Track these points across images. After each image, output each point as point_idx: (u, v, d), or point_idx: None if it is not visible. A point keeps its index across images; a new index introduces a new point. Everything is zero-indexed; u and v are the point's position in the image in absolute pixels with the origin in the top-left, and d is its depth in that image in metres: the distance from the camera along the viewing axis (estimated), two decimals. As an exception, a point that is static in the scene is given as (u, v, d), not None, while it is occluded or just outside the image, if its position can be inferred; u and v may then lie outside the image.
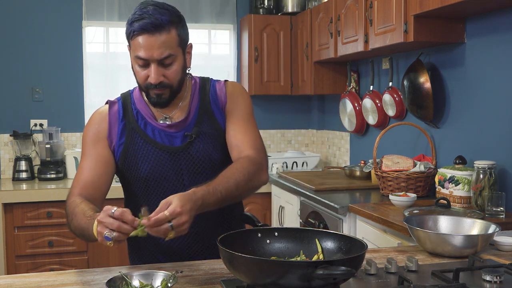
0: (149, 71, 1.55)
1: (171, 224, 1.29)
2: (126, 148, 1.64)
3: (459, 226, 1.70)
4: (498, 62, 2.46)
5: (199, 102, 1.68)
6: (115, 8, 4.19)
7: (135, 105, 1.68)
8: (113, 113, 1.67)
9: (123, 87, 4.23)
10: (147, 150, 1.62)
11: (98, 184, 1.61)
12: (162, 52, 1.52)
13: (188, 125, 1.65)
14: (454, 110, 2.78)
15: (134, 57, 1.56)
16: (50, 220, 3.62)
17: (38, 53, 4.13)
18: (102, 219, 1.29)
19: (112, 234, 1.27)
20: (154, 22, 1.50)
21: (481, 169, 2.35)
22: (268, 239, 1.44)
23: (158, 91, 1.57)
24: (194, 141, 1.63)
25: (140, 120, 1.65)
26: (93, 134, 1.65)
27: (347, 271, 1.13)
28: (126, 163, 1.64)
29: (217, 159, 1.65)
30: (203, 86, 1.71)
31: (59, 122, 4.18)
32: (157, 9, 1.53)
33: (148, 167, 1.62)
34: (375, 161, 2.88)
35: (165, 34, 1.52)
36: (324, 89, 3.89)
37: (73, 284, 1.38)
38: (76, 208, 1.49)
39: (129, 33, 1.54)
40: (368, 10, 2.91)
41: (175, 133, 1.64)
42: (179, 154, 1.63)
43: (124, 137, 1.64)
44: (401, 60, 3.23)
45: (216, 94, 1.70)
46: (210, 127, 1.66)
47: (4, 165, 4.11)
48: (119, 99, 1.71)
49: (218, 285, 1.37)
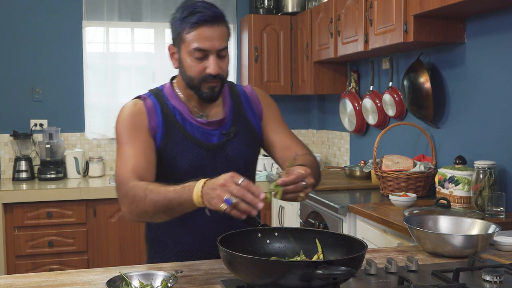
0: (206, 63, 1.57)
1: (304, 183, 1.38)
2: (166, 142, 1.63)
3: (459, 226, 1.71)
4: (498, 62, 2.46)
5: (232, 103, 1.73)
6: (115, 8, 4.19)
7: (169, 101, 1.68)
8: (148, 106, 1.65)
9: (123, 87, 4.24)
10: (186, 145, 1.63)
11: (149, 170, 1.58)
12: (221, 43, 1.56)
13: (225, 124, 1.69)
14: (454, 110, 2.77)
15: (191, 50, 1.56)
16: (50, 220, 3.62)
17: (38, 53, 4.13)
18: (227, 183, 1.30)
19: (233, 199, 1.28)
20: (213, 14, 1.55)
21: (481, 169, 2.35)
22: (268, 239, 1.45)
23: (213, 83, 1.59)
24: (231, 140, 1.67)
25: (178, 115, 1.66)
26: (133, 122, 1.62)
27: (347, 271, 1.13)
28: (164, 156, 1.63)
29: (250, 159, 1.71)
30: (231, 88, 1.77)
31: (59, 122, 4.18)
32: (206, 4, 1.57)
33: (187, 161, 1.63)
34: (375, 161, 2.88)
35: (222, 26, 1.57)
36: (324, 89, 3.89)
37: (73, 284, 1.38)
38: (149, 186, 1.47)
39: (183, 27, 1.56)
40: (368, 10, 2.91)
41: (212, 131, 1.67)
42: (215, 151, 1.65)
43: (164, 130, 1.63)
44: (401, 60, 3.23)
45: (248, 97, 1.77)
46: (245, 128, 1.71)
47: (4, 165, 4.12)
48: (150, 95, 1.70)
49: (218, 285, 1.37)
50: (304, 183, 1.39)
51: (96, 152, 4.28)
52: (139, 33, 4.30)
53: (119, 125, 1.64)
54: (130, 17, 4.24)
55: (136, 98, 1.69)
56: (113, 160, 4.31)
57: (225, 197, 1.29)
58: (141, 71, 4.31)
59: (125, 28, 4.26)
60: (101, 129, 4.25)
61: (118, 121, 1.65)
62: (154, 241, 1.74)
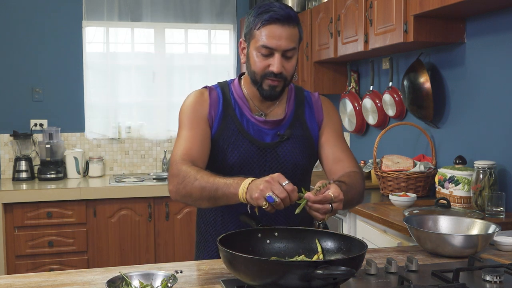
0: (271, 60, 1.60)
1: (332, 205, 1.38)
2: (220, 133, 1.67)
3: (459, 226, 1.70)
4: (498, 62, 2.46)
5: (294, 106, 1.75)
6: (115, 8, 4.19)
7: (233, 95, 1.73)
8: (213, 97, 1.71)
9: (123, 87, 4.25)
10: (238, 139, 1.67)
11: (201, 155, 1.64)
12: (289, 43, 1.59)
13: (282, 125, 1.71)
14: (454, 110, 2.77)
15: (258, 46, 1.60)
16: (50, 220, 3.62)
17: (38, 53, 4.13)
18: (273, 181, 1.34)
19: (276, 198, 1.32)
20: (286, 14, 1.58)
21: (481, 169, 2.35)
22: (268, 239, 1.44)
23: (274, 82, 1.62)
24: (284, 142, 1.69)
25: (238, 110, 1.70)
26: (195, 110, 1.69)
27: (347, 271, 1.13)
28: (216, 147, 1.67)
29: (301, 164, 1.71)
30: (298, 93, 1.79)
31: (59, 122, 4.18)
32: (282, 5, 1.61)
33: (237, 155, 1.66)
34: (375, 161, 2.88)
35: (293, 27, 1.60)
36: (324, 89, 3.89)
37: (73, 284, 1.38)
38: (200, 171, 1.54)
39: (255, 24, 1.60)
40: (368, 10, 2.91)
41: (267, 130, 1.69)
42: (266, 150, 1.67)
43: (221, 122, 1.68)
44: (401, 60, 3.23)
45: (311, 104, 1.78)
46: (301, 133, 1.73)
47: (4, 165, 4.12)
48: (217, 87, 1.75)
49: (218, 285, 1.37)
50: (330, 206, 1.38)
51: (96, 152, 4.28)
52: (139, 33, 4.30)
53: (182, 110, 1.71)
54: (130, 17, 4.24)
55: (204, 88, 1.75)
56: (112, 160, 4.32)
57: (267, 194, 1.33)
58: (141, 71, 4.31)
59: (125, 28, 4.26)
60: (101, 129, 4.25)
61: (183, 106, 1.72)
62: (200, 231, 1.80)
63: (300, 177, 1.71)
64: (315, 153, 1.77)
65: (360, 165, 3.47)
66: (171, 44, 4.37)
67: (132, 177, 4.11)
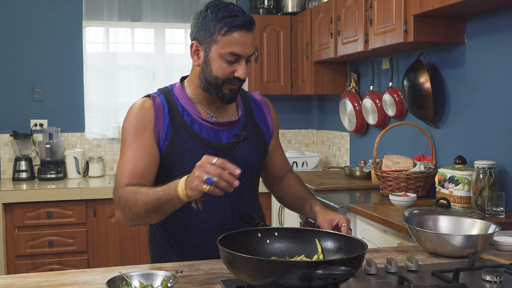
0: (236, 66, 1.60)
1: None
2: (172, 142, 1.64)
3: (459, 226, 1.71)
4: (498, 62, 2.46)
5: (244, 107, 1.78)
6: (115, 8, 4.19)
7: (179, 101, 1.69)
8: (157, 106, 1.66)
9: (123, 87, 4.25)
10: (193, 145, 1.64)
11: (147, 175, 1.61)
12: (252, 49, 1.62)
13: (237, 126, 1.72)
14: (454, 110, 2.77)
15: (225, 52, 1.57)
16: (50, 220, 3.62)
17: (38, 53, 4.13)
18: (203, 164, 1.33)
19: (214, 178, 1.30)
20: (250, 20, 1.58)
21: (481, 169, 2.35)
22: (268, 239, 1.45)
23: (235, 86, 1.64)
24: (240, 142, 1.70)
25: (186, 116, 1.67)
26: (137, 125, 1.63)
27: (347, 271, 1.13)
28: (171, 156, 1.64)
29: (257, 164, 1.75)
30: (243, 93, 1.82)
31: (59, 122, 4.18)
32: (239, 8, 1.60)
33: (193, 160, 1.61)
34: (375, 161, 2.88)
35: (252, 32, 1.61)
36: (324, 89, 3.89)
37: (73, 284, 1.38)
38: (139, 189, 1.52)
39: (218, 29, 1.56)
40: (368, 10, 2.91)
41: (221, 131, 1.69)
42: (224, 151, 1.67)
43: (171, 131, 1.64)
44: (401, 60, 3.23)
45: (259, 105, 1.82)
46: (255, 133, 1.76)
47: (4, 165, 4.12)
48: (159, 94, 1.71)
49: (218, 285, 1.37)
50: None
51: (96, 152, 4.28)
52: (139, 33, 4.30)
53: (124, 127, 1.66)
54: (130, 17, 4.24)
55: (146, 97, 1.70)
56: (112, 160, 4.32)
57: (204, 177, 1.31)
58: (141, 71, 4.31)
59: (125, 28, 4.26)
60: (101, 129, 4.25)
61: (124, 122, 1.66)
62: (158, 243, 1.75)
63: (255, 175, 1.76)
64: (266, 152, 1.81)
65: (360, 165, 3.47)
66: (171, 44, 4.37)
67: (132, 177, 4.10)
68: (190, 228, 1.68)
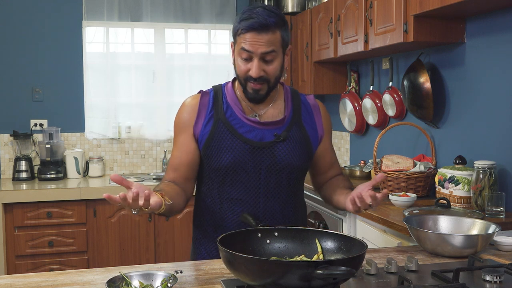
0: (251, 65, 1.65)
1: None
2: (211, 137, 1.71)
3: (459, 226, 1.71)
4: (498, 62, 2.46)
5: (292, 109, 1.79)
6: (115, 8, 4.19)
7: (226, 98, 1.77)
8: (203, 103, 1.76)
9: (123, 87, 4.25)
10: (231, 141, 1.70)
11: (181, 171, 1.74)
12: (266, 47, 1.63)
13: (281, 126, 1.74)
14: (454, 110, 2.77)
15: (239, 50, 1.67)
16: (50, 220, 3.62)
17: (38, 53, 4.13)
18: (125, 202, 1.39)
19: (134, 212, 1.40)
20: (261, 22, 1.62)
21: (481, 169, 2.35)
22: (268, 239, 1.45)
23: (256, 85, 1.67)
24: (280, 143, 1.72)
25: (229, 113, 1.73)
26: (180, 122, 1.77)
27: (347, 271, 1.13)
28: (208, 151, 1.72)
29: (296, 165, 1.74)
30: (294, 95, 1.83)
31: (59, 122, 4.18)
32: (265, 11, 1.65)
33: (230, 156, 1.69)
34: (375, 161, 2.88)
35: (270, 34, 1.64)
36: (324, 89, 3.89)
37: (73, 284, 1.38)
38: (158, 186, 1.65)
39: (236, 30, 1.68)
40: (368, 10, 2.91)
41: (263, 130, 1.72)
42: (262, 150, 1.70)
43: (210, 126, 1.72)
44: (401, 60, 3.23)
45: (309, 108, 1.83)
46: (299, 135, 1.76)
47: (4, 165, 4.12)
48: (211, 90, 1.80)
49: (218, 285, 1.37)
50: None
51: (96, 152, 4.28)
52: (139, 33, 4.30)
53: (174, 122, 1.81)
54: (130, 17, 4.24)
55: (198, 93, 1.80)
56: (112, 159, 4.33)
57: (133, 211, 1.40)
58: (141, 71, 4.31)
59: (125, 28, 4.26)
60: (101, 129, 4.25)
61: (175, 118, 1.80)
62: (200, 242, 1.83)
63: (296, 178, 1.76)
64: (311, 156, 1.80)
65: (360, 165, 3.47)
66: (171, 44, 4.37)
67: (132, 177, 4.11)
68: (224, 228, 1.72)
